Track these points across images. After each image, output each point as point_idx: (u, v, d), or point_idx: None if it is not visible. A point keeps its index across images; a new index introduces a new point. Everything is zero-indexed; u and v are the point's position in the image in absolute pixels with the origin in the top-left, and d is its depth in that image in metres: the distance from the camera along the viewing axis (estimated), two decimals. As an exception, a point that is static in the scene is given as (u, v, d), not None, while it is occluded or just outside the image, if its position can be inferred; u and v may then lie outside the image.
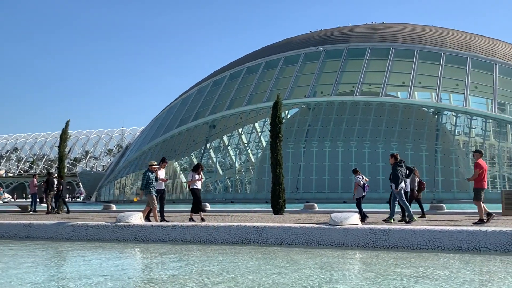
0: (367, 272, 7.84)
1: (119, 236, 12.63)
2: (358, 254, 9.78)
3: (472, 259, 8.93)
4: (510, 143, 44.79)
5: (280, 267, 8.17)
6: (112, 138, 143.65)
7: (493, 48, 50.17)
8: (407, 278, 6.99)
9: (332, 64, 51.46)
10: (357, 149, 44.65)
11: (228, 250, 10.41)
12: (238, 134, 53.51)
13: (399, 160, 14.51)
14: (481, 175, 13.55)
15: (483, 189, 13.58)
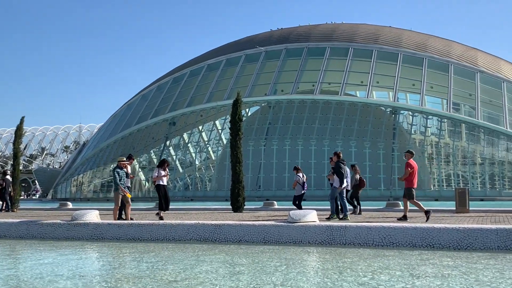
0: (324, 268, 7.93)
1: (74, 235, 12.38)
2: (315, 250, 9.87)
3: (426, 255, 9.14)
4: (464, 142, 46.07)
5: (240, 264, 8.17)
6: (69, 135, 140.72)
7: (448, 49, 51.50)
8: (363, 274, 7.10)
9: (292, 63, 51.82)
10: (317, 147, 45.11)
11: (184, 248, 10.34)
12: (198, 131, 53.26)
13: (341, 159, 14.84)
14: (411, 174, 13.96)
15: (414, 188, 14.05)
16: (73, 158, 67.03)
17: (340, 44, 51.87)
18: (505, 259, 8.59)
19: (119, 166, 14.77)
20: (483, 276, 6.94)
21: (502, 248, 9.55)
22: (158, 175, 15.19)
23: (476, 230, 9.90)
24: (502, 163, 44.26)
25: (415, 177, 14.14)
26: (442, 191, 43.23)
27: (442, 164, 46.04)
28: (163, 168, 15.39)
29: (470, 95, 46.95)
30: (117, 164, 14.93)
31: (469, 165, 45.25)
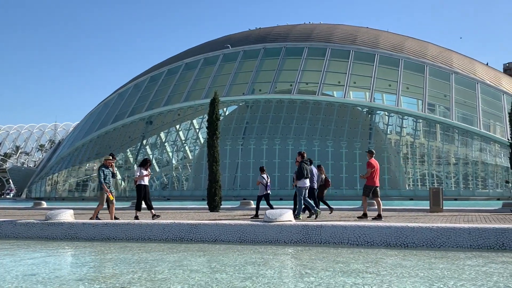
0: (299, 267, 7.97)
1: (48, 234, 12.23)
2: (291, 250, 9.91)
3: (400, 254, 9.24)
4: (439, 142, 46.71)
5: (214, 263, 8.17)
6: (44, 133, 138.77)
7: (424, 50, 52.16)
8: (338, 273, 7.15)
9: (270, 63, 51.91)
10: (294, 147, 45.24)
11: (160, 248, 10.29)
12: (175, 130, 53.00)
13: (305, 159, 15.16)
14: (372, 173, 14.39)
15: (374, 187, 14.51)
16: (48, 157, 66.17)
17: (317, 44, 52.14)
18: (446, 256, 8.74)
19: (105, 165, 14.48)
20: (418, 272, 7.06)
21: (474, 247, 9.70)
22: (140, 174, 15.00)
23: (449, 229, 10.05)
24: (475, 163, 44.99)
25: (377, 176, 14.60)
26: (417, 191, 43.76)
27: (417, 164, 46.62)
28: (145, 167, 15.20)
29: (445, 96, 47.62)
30: (103, 163, 14.64)
31: (444, 165, 45.91)
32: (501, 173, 43.89)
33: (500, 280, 6.62)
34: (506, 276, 7.05)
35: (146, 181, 15.12)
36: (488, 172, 44.95)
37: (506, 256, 8.84)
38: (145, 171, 15.08)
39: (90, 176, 55.58)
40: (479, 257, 8.70)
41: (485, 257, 8.74)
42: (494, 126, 46.65)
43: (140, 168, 15.18)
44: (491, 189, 44.20)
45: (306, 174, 14.67)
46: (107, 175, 14.26)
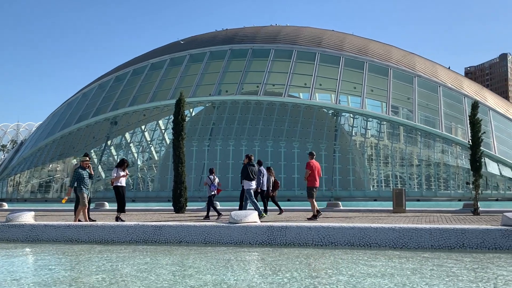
0: (262, 268, 7.99)
1: (9, 236, 11.92)
2: (255, 251, 9.93)
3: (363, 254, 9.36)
4: (402, 144, 47.56)
5: (176, 265, 8.11)
6: (6, 133, 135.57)
7: (388, 54, 53.06)
8: (300, 273, 7.19)
9: (237, 64, 51.98)
10: (260, 148, 45.40)
11: (123, 250, 10.16)
12: (141, 131, 52.53)
13: (251, 160, 15.58)
14: (312, 175, 14.77)
15: (315, 188, 14.96)
16: (10, 158, 64.60)
17: (284, 46, 52.47)
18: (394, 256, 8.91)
19: (82, 166, 14.11)
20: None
21: (436, 247, 9.87)
22: (117, 175, 14.71)
23: (411, 229, 10.20)
24: (437, 164, 45.98)
25: (317, 177, 15.07)
26: (380, 192, 44.45)
27: (381, 165, 47.36)
28: (122, 168, 14.93)
29: (408, 98, 48.52)
30: (80, 164, 14.26)
31: (407, 166, 46.76)
32: (462, 174, 44.95)
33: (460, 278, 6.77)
34: (459, 274, 7.22)
35: (123, 182, 14.86)
36: (450, 174, 45.98)
37: (463, 256, 9.05)
38: (122, 172, 14.81)
39: (53, 177, 54.56)
40: (440, 257, 8.88)
41: (444, 257, 8.93)
42: (455, 129, 47.81)
43: (117, 169, 14.89)
44: (452, 190, 45.24)
45: (253, 176, 14.92)
46: (84, 177, 13.91)
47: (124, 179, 14.92)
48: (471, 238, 9.78)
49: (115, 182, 14.65)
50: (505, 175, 45.28)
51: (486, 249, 9.56)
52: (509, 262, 8.29)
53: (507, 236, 9.65)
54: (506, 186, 45.84)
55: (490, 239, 9.68)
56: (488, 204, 30.98)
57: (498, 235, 9.70)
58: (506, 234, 9.68)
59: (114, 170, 14.99)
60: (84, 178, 13.86)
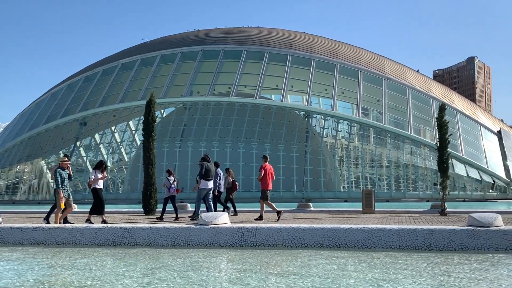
0: (232, 269, 7.98)
1: (-27, 240, 11.63)
2: (225, 252, 9.90)
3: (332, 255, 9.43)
4: (372, 146, 48.13)
5: (146, 268, 8.04)
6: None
7: (358, 56, 53.64)
8: (273, 275, 7.20)
9: (209, 65, 51.87)
10: (232, 149, 45.39)
11: (90, 253, 10.02)
12: (111, 132, 51.95)
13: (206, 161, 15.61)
14: (265, 177, 15.12)
15: (268, 190, 15.25)
16: (-25, 159, 63.09)
17: (256, 47, 52.57)
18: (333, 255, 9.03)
19: (61, 166, 13.76)
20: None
21: (403, 247, 10.00)
22: (95, 177, 14.45)
23: (379, 230, 10.32)
24: (406, 166, 46.67)
25: (270, 179, 15.37)
26: (351, 193, 44.87)
27: (351, 167, 47.82)
28: (100, 170, 14.67)
29: (378, 100, 49.14)
30: (59, 165, 13.89)
31: (376, 168, 47.34)
32: (430, 175, 45.71)
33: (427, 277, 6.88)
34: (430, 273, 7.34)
35: (101, 184, 14.59)
36: (418, 175, 46.71)
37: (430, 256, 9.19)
38: (100, 174, 14.56)
39: (20, 179, 53.51)
40: (408, 257, 9.00)
41: (414, 256, 9.06)
42: (424, 130, 48.60)
43: (95, 171, 14.62)
44: (421, 191, 45.97)
45: (210, 175, 14.99)
46: (64, 178, 13.62)
47: (102, 182, 14.64)
48: (438, 238, 9.94)
49: (93, 184, 14.38)
50: (472, 176, 46.21)
51: (452, 249, 9.73)
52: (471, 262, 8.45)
53: (473, 237, 9.83)
54: (473, 187, 46.78)
55: (457, 240, 9.85)
56: (455, 205, 31.56)
57: (464, 235, 9.88)
58: (472, 234, 9.87)
59: (92, 172, 14.75)
60: (65, 179, 13.60)
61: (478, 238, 9.78)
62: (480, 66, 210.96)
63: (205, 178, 15.13)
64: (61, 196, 13.38)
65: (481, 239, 9.77)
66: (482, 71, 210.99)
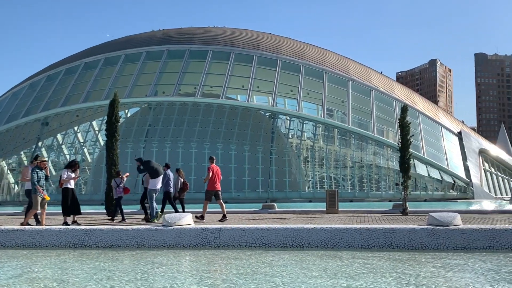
0: (195, 271, 7.95)
1: None
2: (188, 254, 9.86)
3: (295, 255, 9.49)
4: (336, 146, 48.64)
5: (109, 270, 7.93)
6: None
7: (323, 58, 54.13)
8: (234, 275, 7.20)
9: (174, 65, 51.50)
10: (197, 150, 45.18)
11: (49, 255, 9.83)
12: (73, 132, 51.05)
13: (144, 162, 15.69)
14: (212, 178, 15.27)
15: (215, 191, 15.50)
16: None
17: (222, 48, 52.45)
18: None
19: (39, 166, 13.45)
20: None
21: (365, 247, 10.13)
22: (68, 177, 14.13)
23: (341, 230, 10.44)
24: (370, 166, 47.35)
25: (217, 181, 15.52)
26: (315, 193, 45.22)
27: (316, 167, 48.23)
28: (72, 170, 14.35)
29: (342, 102, 49.69)
30: (36, 164, 13.58)
31: (341, 168, 47.88)
32: (393, 175, 46.48)
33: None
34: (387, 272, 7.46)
35: (72, 184, 14.29)
36: (381, 175, 47.45)
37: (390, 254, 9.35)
38: (72, 173, 14.25)
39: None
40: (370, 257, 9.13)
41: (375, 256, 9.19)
42: (387, 131, 49.39)
43: (66, 170, 14.31)
44: (383, 191, 46.70)
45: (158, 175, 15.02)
46: (40, 177, 13.28)
47: (74, 182, 14.36)
48: (398, 237, 10.12)
49: (65, 184, 14.08)
50: (433, 176, 47.20)
51: (413, 248, 9.91)
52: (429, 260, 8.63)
53: (433, 236, 10.05)
54: (434, 187, 47.78)
55: (417, 238, 10.05)
56: (417, 204, 32.15)
57: (424, 234, 10.08)
58: (432, 233, 10.08)
59: (64, 171, 14.43)
60: (41, 179, 13.30)
61: (438, 237, 10.00)
62: (442, 68, 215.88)
63: (153, 178, 15.18)
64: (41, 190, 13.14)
65: (441, 238, 9.98)
66: (443, 73, 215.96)
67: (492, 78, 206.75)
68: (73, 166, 14.57)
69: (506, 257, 8.90)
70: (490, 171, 54.59)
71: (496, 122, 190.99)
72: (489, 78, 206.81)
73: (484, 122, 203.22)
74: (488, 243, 9.70)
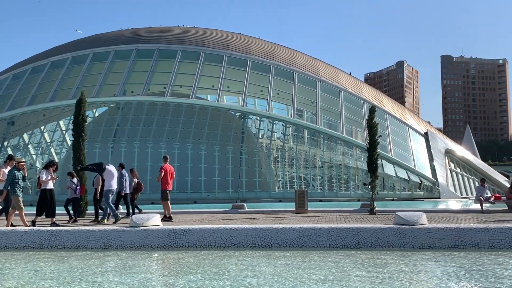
0: (162, 271, 7.89)
1: None
2: (156, 255, 9.78)
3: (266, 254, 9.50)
4: (306, 146, 48.92)
5: (71, 272, 7.81)
6: None
7: (293, 59, 54.37)
8: (204, 276, 7.17)
9: (143, 64, 51.03)
10: (167, 150, 44.80)
11: (14, 257, 9.62)
12: (40, 132, 50.09)
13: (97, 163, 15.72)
14: (165, 177, 15.24)
15: (168, 190, 15.47)
16: None
17: (191, 47, 52.19)
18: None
19: (16, 167, 13.09)
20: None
21: (333, 246, 10.20)
22: (46, 178, 13.80)
23: (310, 229, 10.50)
24: (339, 166, 47.78)
25: (170, 180, 15.51)
26: (285, 193, 45.38)
27: (286, 167, 48.41)
28: (51, 170, 14.02)
29: (312, 102, 50.02)
30: (14, 165, 13.21)
31: (310, 168, 48.19)
32: (361, 175, 46.98)
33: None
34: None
35: (51, 185, 13.97)
36: (350, 175, 47.93)
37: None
38: (50, 174, 13.93)
39: None
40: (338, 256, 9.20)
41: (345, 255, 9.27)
42: (355, 132, 49.89)
43: (45, 171, 13.99)
44: (352, 191, 47.19)
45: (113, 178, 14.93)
46: (18, 178, 12.94)
47: (52, 182, 14.05)
48: (366, 237, 10.22)
49: (43, 185, 13.75)
50: (401, 176, 47.92)
51: (380, 247, 10.02)
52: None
53: (399, 235, 10.19)
54: (402, 187, 48.49)
55: (384, 238, 10.17)
56: (384, 204, 32.58)
57: (390, 233, 10.22)
58: (398, 232, 10.22)
59: (43, 171, 14.10)
60: (19, 180, 12.96)
61: (404, 236, 10.14)
62: (409, 70, 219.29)
63: (107, 178, 15.05)
64: (4, 193, 12.95)
65: (407, 237, 10.13)
66: (410, 75, 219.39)
67: (458, 80, 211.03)
68: (52, 166, 14.30)
69: (471, 256, 9.09)
70: (455, 171, 55.67)
71: (461, 123, 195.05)
72: (455, 80, 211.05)
73: (450, 123, 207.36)
74: (453, 241, 9.88)
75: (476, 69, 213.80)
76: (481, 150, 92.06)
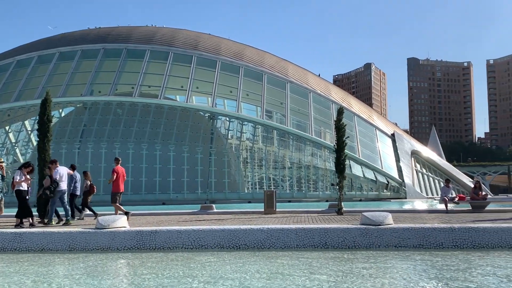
0: (129, 272, 7.81)
1: None
2: (122, 256, 9.67)
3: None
4: (275, 147, 49.10)
5: (34, 275, 7.66)
6: None
7: (262, 59, 54.51)
8: (168, 278, 7.13)
9: (110, 64, 50.42)
10: (135, 150, 44.44)
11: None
12: (5, 132, 49.01)
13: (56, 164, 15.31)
14: (117, 180, 15.31)
15: (119, 192, 15.49)
16: None
17: (160, 47, 51.81)
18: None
19: None
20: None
21: (301, 246, 10.24)
22: (20, 179, 13.43)
23: (278, 230, 10.52)
24: (308, 167, 48.09)
25: (121, 182, 15.53)
26: (255, 194, 45.45)
27: (255, 168, 48.49)
28: (26, 171, 13.66)
29: (281, 103, 50.23)
30: None
31: (279, 169, 48.38)
32: (330, 176, 47.41)
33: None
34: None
35: (25, 186, 13.64)
36: (319, 176, 48.30)
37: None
38: (25, 175, 13.56)
39: None
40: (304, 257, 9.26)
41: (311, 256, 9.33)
42: (324, 133, 50.34)
43: (20, 172, 13.61)
44: (321, 191, 47.56)
45: (59, 178, 14.69)
46: None
47: (26, 184, 13.74)
48: (333, 237, 10.30)
49: (17, 186, 13.39)
50: (368, 177, 48.54)
51: (346, 247, 10.11)
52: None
53: (365, 235, 10.29)
54: (369, 187, 49.13)
55: (350, 238, 10.26)
56: (352, 204, 32.94)
57: (357, 233, 10.31)
58: (365, 232, 10.32)
59: (17, 172, 13.75)
60: None
61: (370, 236, 10.25)
62: (376, 72, 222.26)
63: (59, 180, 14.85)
64: None
65: (373, 237, 10.24)
66: (378, 77, 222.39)
67: (424, 82, 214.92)
68: (26, 168, 13.96)
69: (435, 255, 9.25)
70: (421, 172, 56.68)
71: (427, 125, 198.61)
72: (421, 82, 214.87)
73: (416, 125, 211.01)
74: (418, 241, 10.04)
75: (442, 72, 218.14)
76: (447, 151, 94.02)
